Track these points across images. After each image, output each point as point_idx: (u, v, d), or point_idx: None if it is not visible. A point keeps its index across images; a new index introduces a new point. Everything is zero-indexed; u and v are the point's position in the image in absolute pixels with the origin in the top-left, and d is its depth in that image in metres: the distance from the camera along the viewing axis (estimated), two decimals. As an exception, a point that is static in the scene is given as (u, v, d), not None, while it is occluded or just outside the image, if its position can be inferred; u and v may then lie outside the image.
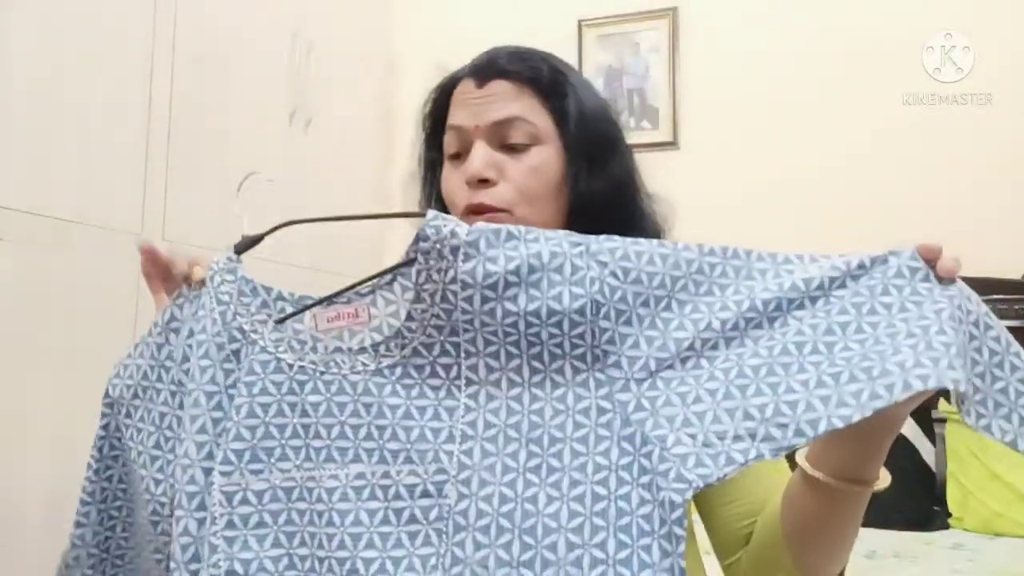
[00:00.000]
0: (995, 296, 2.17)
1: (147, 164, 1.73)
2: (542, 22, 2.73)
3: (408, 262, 0.61)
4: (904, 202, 2.34)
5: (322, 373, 0.61)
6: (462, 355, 0.59)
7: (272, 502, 0.60)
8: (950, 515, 1.93)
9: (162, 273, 0.71)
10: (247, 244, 0.68)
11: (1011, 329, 0.58)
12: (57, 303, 1.51)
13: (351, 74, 2.57)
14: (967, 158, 2.32)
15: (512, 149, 0.80)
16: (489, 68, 0.82)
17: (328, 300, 0.64)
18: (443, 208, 0.85)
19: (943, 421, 2.05)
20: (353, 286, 0.64)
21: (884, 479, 0.65)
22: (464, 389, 0.59)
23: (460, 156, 0.81)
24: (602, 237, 0.59)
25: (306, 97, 2.28)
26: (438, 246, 0.59)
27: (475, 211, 0.78)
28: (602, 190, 0.81)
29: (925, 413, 2.05)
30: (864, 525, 0.69)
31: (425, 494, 0.58)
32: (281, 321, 0.63)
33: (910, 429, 2.00)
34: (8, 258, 1.42)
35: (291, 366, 0.62)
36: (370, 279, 0.64)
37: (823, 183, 2.44)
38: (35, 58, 1.49)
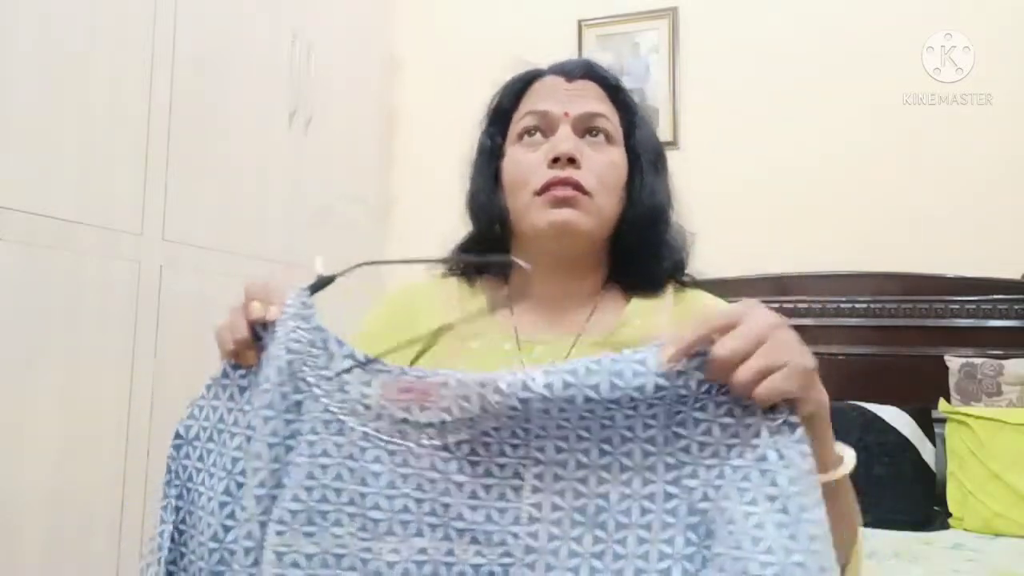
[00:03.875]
0: (995, 296, 2.17)
1: (147, 164, 1.73)
2: (542, 22, 2.73)
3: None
4: (904, 202, 2.34)
5: (386, 442, 0.60)
6: (532, 437, 0.58)
7: (322, 568, 0.59)
8: (950, 515, 1.93)
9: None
10: (321, 284, 0.65)
11: (1011, 329, 0.57)
12: (58, 303, 1.51)
13: (351, 74, 2.57)
14: (967, 158, 2.32)
15: (594, 142, 0.85)
16: (579, 69, 0.88)
17: (401, 370, 0.61)
18: (501, 194, 0.87)
19: (943, 421, 2.04)
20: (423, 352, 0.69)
21: (847, 463, 0.64)
22: (531, 468, 0.58)
23: (535, 136, 0.85)
24: None
25: (306, 97, 2.28)
26: None
27: (558, 185, 0.80)
28: (652, 206, 0.86)
29: (925, 413, 2.05)
30: (864, 525, 0.68)
31: None
32: (339, 374, 0.61)
33: (910, 429, 1.99)
34: (8, 258, 1.42)
35: (353, 430, 0.60)
36: None
37: (823, 183, 2.44)
38: (35, 58, 1.49)
